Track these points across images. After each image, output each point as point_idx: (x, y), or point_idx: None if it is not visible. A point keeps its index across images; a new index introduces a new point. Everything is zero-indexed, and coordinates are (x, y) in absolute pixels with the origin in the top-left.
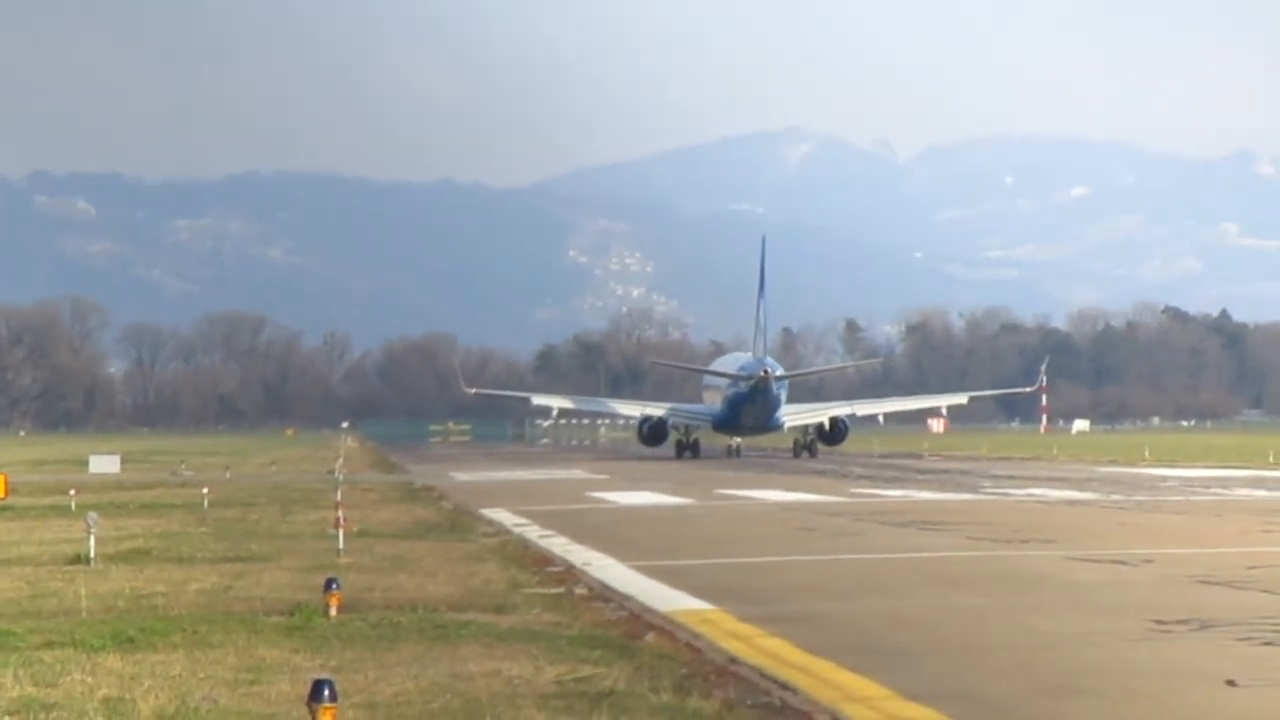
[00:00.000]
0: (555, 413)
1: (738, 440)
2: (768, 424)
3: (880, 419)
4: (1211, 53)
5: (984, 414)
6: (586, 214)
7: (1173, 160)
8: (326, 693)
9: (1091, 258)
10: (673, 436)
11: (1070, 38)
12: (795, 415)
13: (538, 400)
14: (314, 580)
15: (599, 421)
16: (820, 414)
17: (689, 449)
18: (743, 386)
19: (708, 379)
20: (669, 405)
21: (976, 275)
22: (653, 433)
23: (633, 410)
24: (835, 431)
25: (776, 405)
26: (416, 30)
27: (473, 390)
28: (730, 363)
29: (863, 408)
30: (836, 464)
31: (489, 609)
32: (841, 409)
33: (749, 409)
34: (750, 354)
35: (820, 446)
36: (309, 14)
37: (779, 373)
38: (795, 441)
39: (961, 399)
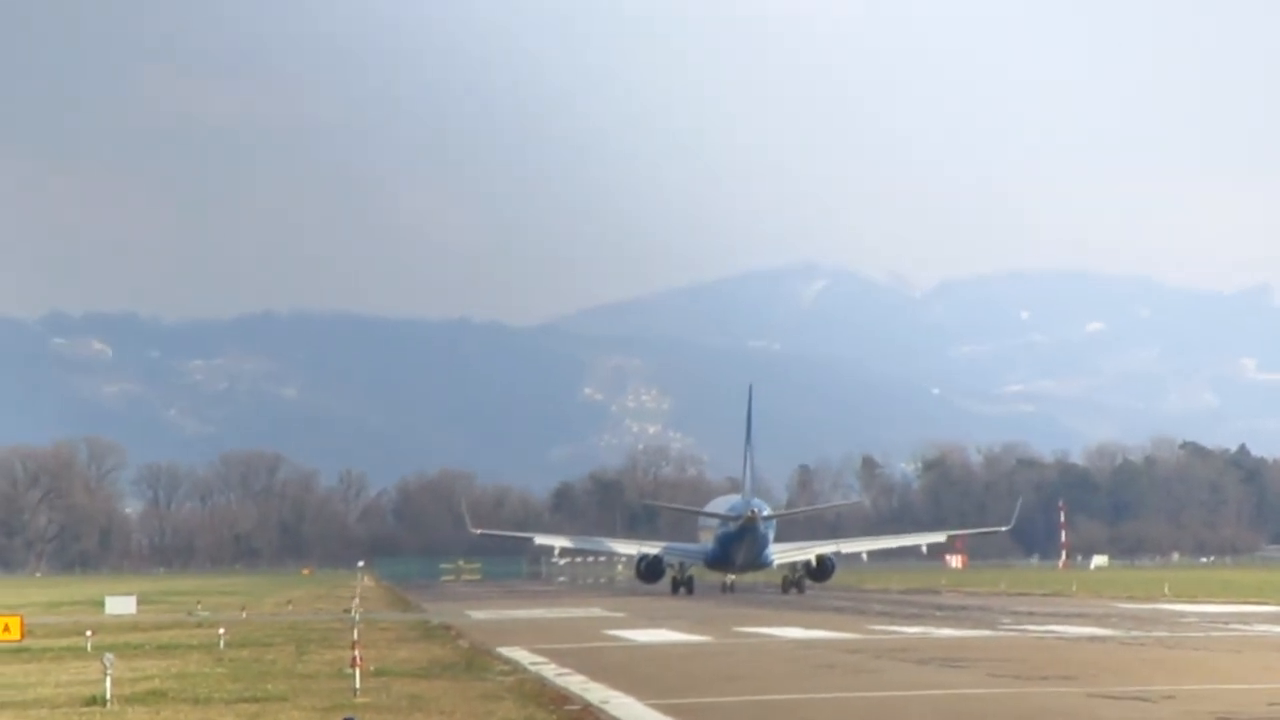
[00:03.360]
0: (557, 551)
1: (732, 577)
2: (757, 561)
3: (864, 556)
4: (1228, 186)
5: (1002, 550)
6: (602, 351)
7: (1189, 294)
8: None
9: (1109, 392)
10: (669, 573)
11: (1085, 172)
12: (783, 553)
13: (540, 540)
14: None
15: (615, 559)
16: (807, 552)
17: (683, 585)
18: (732, 526)
19: (702, 519)
20: (664, 544)
21: (993, 410)
22: (649, 570)
23: (629, 549)
24: (822, 568)
25: (764, 544)
26: (431, 170)
27: (479, 531)
28: (721, 504)
29: (847, 546)
30: (854, 600)
31: None
32: (827, 547)
33: (738, 547)
34: (740, 495)
35: (808, 582)
36: (322, 155)
37: (766, 513)
38: (784, 578)
39: (940, 537)
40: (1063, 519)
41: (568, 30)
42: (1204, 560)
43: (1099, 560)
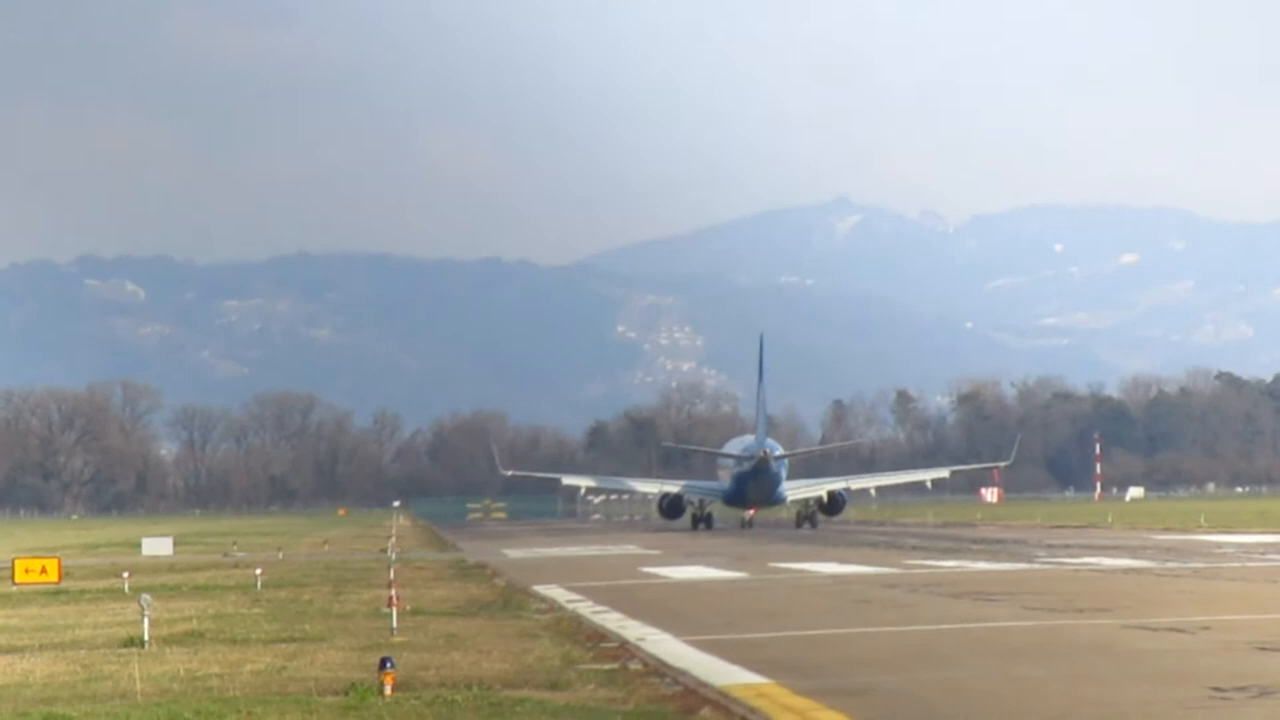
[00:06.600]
0: (583, 491)
1: (750, 513)
2: (771, 498)
3: (872, 492)
4: (1261, 118)
5: (1037, 483)
6: (635, 289)
7: (1223, 226)
8: None
9: (1143, 325)
10: (689, 510)
11: (1117, 105)
12: (796, 489)
13: (567, 480)
14: (368, 659)
15: (649, 497)
16: (819, 488)
17: (703, 521)
18: (746, 466)
19: (720, 458)
20: (684, 482)
21: (1028, 344)
22: (671, 507)
23: (651, 488)
24: (834, 503)
25: (777, 481)
26: (463, 109)
27: (509, 472)
28: (736, 444)
29: (857, 482)
30: (890, 535)
31: (544, 686)
32: (838, 483)
33: (753, 485)
34: (754, 436)
35: (820, 517)
36: (356, 95)
37: (778, 453)
38: (798, 513)
39: (944, 473)
40: (1098, 451)
41: None
42: (1239, 490)
43: (1134, 492)
